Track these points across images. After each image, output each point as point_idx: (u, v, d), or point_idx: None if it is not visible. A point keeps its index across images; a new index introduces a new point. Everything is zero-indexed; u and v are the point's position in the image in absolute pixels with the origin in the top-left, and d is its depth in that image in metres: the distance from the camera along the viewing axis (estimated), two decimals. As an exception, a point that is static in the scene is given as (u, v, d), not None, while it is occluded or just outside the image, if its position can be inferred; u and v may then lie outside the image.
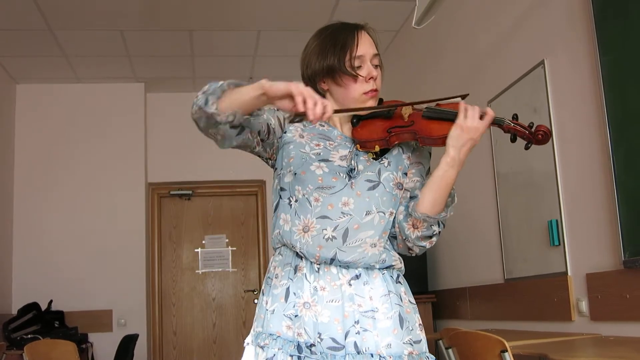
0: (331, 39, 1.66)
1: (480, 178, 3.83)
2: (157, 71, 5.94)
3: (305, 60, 1.71)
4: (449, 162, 1.59)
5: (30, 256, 5.72)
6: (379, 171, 1.64)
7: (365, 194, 1.61)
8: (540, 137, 1.56)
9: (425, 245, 1.67)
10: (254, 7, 4.72)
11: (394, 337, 1.58)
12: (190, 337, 6.27)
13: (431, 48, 4.63)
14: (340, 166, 1.63)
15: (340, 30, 1.68)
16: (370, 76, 1.64)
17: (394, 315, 1.60)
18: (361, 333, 1.55)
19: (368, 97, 1.65)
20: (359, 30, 1.67)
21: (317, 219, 1.59)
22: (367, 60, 1.65)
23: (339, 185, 1.60)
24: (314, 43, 1.70)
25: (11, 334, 5.06)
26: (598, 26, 2.62)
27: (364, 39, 1.66)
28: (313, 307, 1.56)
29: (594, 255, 2.74)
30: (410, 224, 1.64)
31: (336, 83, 1.65)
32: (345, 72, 1.62)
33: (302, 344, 1.54)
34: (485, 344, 2.11)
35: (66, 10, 4.61)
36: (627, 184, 2.46)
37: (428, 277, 4.53)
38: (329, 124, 1.73)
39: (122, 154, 6.03)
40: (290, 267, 1.62)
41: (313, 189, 1.60)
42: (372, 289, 1.60)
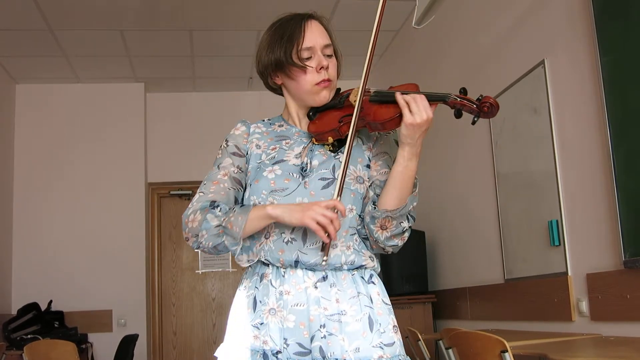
0: (278, 31, 1.63)
1: (480, 178, 3.83)
2: (157, 71, 5.94)
3: (256, 56, 1.69)
4: (406, 157, 1.52)
5: (30, 256, 5.72)
6: (333, 167, 1.59)
7: (319, 193, 1.56)
8: (487, 110, 1.45)
9: (398, 243, 1.59)
10: (254, 7, 4.72)
11: (363, 340, 1.52)
12: (190, 337, 6.26)
13: (431, 48, 4.63)
14: (294, 165, 1.60)
15: (288, 21, 1.64)
16: (321, 66, 1.59)
17: (364, 317, 1.54)
18: (327, 337, 1.50)
19: (320, 87, 1.61)
20: (307, 20, 1.63)
21: (274, 223, 1.54)
22: (317, 50, 1.60)
23: (292, 185, 1.57)
24: (264, 37, 1.67)
25: (11, 334, 5.06)
26: (598, 26, 2.61)
27: (313, 29, 1.61)
28: (279, 313, 1.53)
29: (594, 256, 2.74)
30: (378, 225, 1.56)
31: (287, 76, 1.62)
32: (292, 64, 1.59)
33: (268, 351, 1.50)
34: (486, 344, 2.11)
35: (66, 10, 4.61)
36: (628, 184, 2.46)
37: (428, 277, 4.53)
38: (287, 122, 1.71)
39: (122, 154, 6.03)
40: (257, 276, 1.59)
41: (267, 193, 1.57)
42: (340, 291, 1.55)
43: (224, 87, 6.35)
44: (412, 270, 4.38)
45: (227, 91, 6.42)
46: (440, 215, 4.42)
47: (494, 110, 1.46)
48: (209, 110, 6.35)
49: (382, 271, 1.72)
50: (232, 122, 1.60)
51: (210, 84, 6.29)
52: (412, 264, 4.38)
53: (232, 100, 6.40)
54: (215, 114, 6.32)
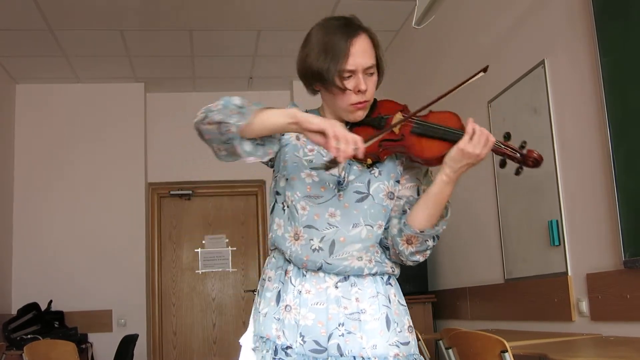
0: (324, 42, 1.58)
1: (480, 178, 3.82)
2: (157, 71, 5.94)
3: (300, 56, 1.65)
4: (445, 180, 1.54)
5: (30, 256, 5.72)
6: (368, 182, 1.61)
7: (353, 206, 1.59)
8: (531, 164, 1.52)
9: (419, 258, 1.63)
10: (254, 7, 4.72)
11: (380, 338, 1.56)
12: (190, 337, 6.26)
13: (431, 48, 4.62)
14: (331, 175, 1.61)
15: (334, 34, 1.58)
16: (359, 89, 1.57)
17: (381, 316, 1.59)
18: (345, 335, 1.55)
19: (355, 108, 1.60)
20: (353, 37, 1.57)
21: (304, 228, 1.58)
22: (358, 72, 1.56)
23: (326, 195, 1.59)
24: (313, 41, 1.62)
25: (11, 334, 5.06)
26: (598, 26, 2.61)
27: (357, 49, 1.56)
28: (294, 310, 1.56)
29: (595, 256, 2.74)
30: (404, 239, 1.59)
31: (325, 89, 1.61)
32: (332, 84, 1.56)
33: (279, 346, 1.54)
34: (486, 344, 2.11)
35: (66, 10, 4.61)
36: (628, 184, 2.46)
37: (428, 277, 4.53)
38: None
39: (122, 153, 6.03)
40: (282, 270, 1.62)
41: (301, 196, 1.59)
42: (360, 290, 1.59)
43: (224, 87, 6.34)
44: (412, 270, 4.33)
45: (227, 91, 6.39)
46: (440, 215, 4.41)
47: (539, 163, 1.53)
48: (209, 110, 6.33)
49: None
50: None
51: (210, 84, 6.28)
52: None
53: (232, 100, 6.39)
54: (215, 114, 6.32)
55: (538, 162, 1.52)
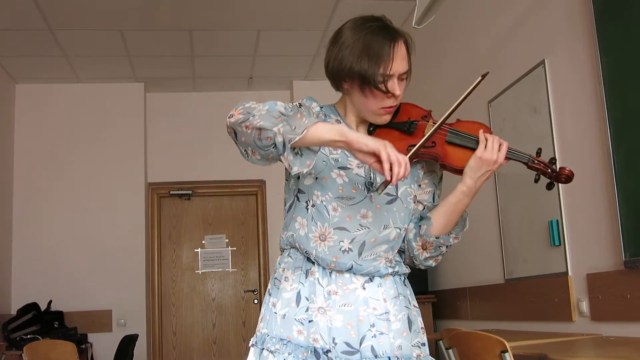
0: (364, 42, 1.55)
1: (480, 178, 3.82)
2: (157, 71, 5.93)
3: (335, 53, 1.59)
4: (465, 191, 1.59)
5: (30, 256, 5.72)
6: (396, 185, 1.61)
7: (383, 208, 1.59)
8: (564, 180, 1.59)
9: (432, 264, 1.70)
10: (254, 7, 4.72)
11: (403, 339, 1.58)
12: (190, 337, 6.26)
13: (431, 48, 4.62)
14: (359, 175, 1.58)
15: (376, 35, 1.56)
16: (393, 93, 1.57)
17: (403, 317, 1.61)
18: (377, 336, 1.55)
19: (384, 112, 1.60)
20: (395, 42, 1.57)
21: (334, 230, 1.56)
22: (395, 77, 1.56)
23: (358, 196, 1.57)
24: (349, 39, 1.58)
25: (10, 334, 5.05)
26: (598, 26, 2.61)
27: (399, 55, 1.56)
28: (328, 312, 1.54)
29: (595, 256, 2.74)
30: (420, 244, 1.65)
31: (359, 90, 1.57)
32: (376, 86, 1.54)
33: (319, 349, 1.51)
34: (486, 344, 2.10)
35: (66, 10, 4.61)
36: (628, 184, 2.46)
37: (428, 277, 4.53)
38: (345, 122, 1.67)
39: (122, 153, 6.03)
40: (301, 270, 1.59)
41: (332, 197, 1.56)
42: (385, 291, 1.61)
43: (224, 87, 6.35)
44: (412, 270, 4.36)
45: (227, 91, 6.42)
46: (440, 215, 4.41)
47: (570, 179, 1.60)
48: (209, 110, 6.34)
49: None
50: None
51: (210, 84, 6.29)
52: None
53: (232, 100, 6.29)
54: (215, 114, 6.31)
55: (570, 179, 1.59)
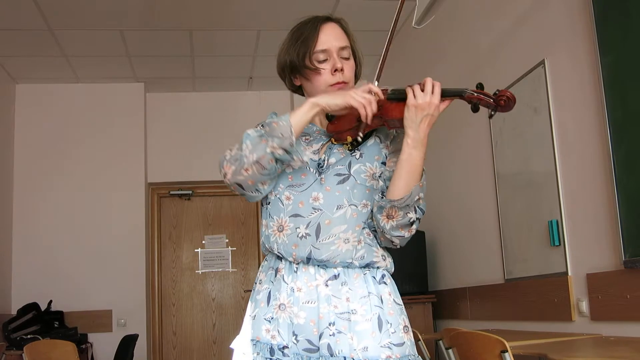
0: (295, 34, 1.66)
1: (480, 178, 3.82)
2: (157, 71, 5.93)
3: (277, 58, 1.72)
4: (410, 144, 1.53)
5: (30, 256, 5.72)
6: (349, 164, 1.62)
7: (334, 188, 1.59)
8: (503, 103, 1.46)
9: (404, 234, 1.59)
10: (254, 7, 4.72)
11: (371, 340, 1.53)
12: (190, 337, 6.26)
13: (431, 48, 4.62)
14: (312, 160, 1.62)
15: (305, 24, 1.66)
16: (335, 68, 1.62)
17: (373, 317, 1.56)
18: (335, 335, 1.53)
19: (335, 89, 1.62)
20: (323, 23, 1.65)
21: (289, 218, 1.58)
22: (332, 53, 1.62)
23: (308, 180, 1.60)
24: (285, 39, 1.70)
25: (11, 334, 5.05)
26: (598, 26, 2.61)
27: (328, 32, 1.63)
28: (288, 309, 1.56)
29: (595, 256, 2.74)
30: (385, 214, 1.57)
31: (304, 77, 1.65)
32: (305, 66, 1.62)
33: (275, 346, 1.53)
34: (486, 344, 2.10)
35: (66, 10, 4.61)
36: (628, 184, 2.46)
37: (428, 277, 4.53)
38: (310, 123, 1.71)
39: (122, 154, 6.03)
40: (272, 270, 1.63)
41: (284, 187, 1.60)
42: (350, 290, 1.57)
43: (224, 87, 6.35)
44: (412, 270, 4.38)
45: (227, 91, 6.42)
46: (440, 215, 4.42)
47: (511, 103, 1.47)
48: (209, 110, 6.35)
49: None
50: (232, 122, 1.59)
51: (210, 84, 6.29)
52: (412, 264, 4.38)
53: (232, 100, 6.40)
54: (215, 114, 6.32)
55: (510, 101, 1.46)
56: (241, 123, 6.32)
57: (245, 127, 1.61)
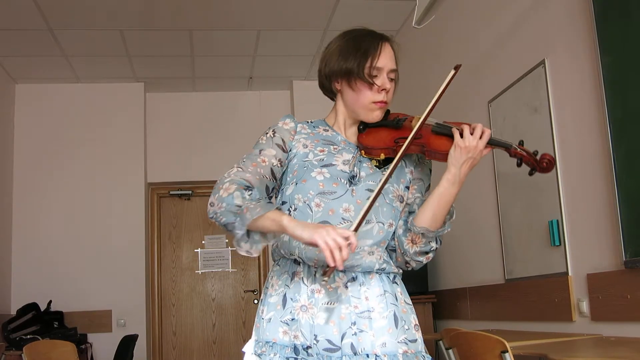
0: (355, 43, 1.67)
1: (480, 178, 3.82)
2: (156, 71, 5.93)
3: (325, 59, 1.72)
4: (450, 180, 1.60)
5: (30, 256, 5.72)
6: (379, 181, 1.62)
7: (365, 203, 1.59)
8: (545, 165, 1.57)
9: (423, 260, 1.70)
10: (254, 7, 4.72)
11: (389, 336, 1.59)
12: (190, 338, 6.26)
13: (431, 48, 4.62)
14: (343, 171, 1.65)
15: (365, 36, 1.68)
16: (384, 87, 1.65)
17: (389, 314, 1.62)
18: (358, 334, 1.57)
19: (377, 106, 1.66)
20: (384, 41, 1.68)
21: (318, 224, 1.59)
22: (384, 72, 1.65)
23: (340, 190, 1.62)
24: (337, 43, 1.71)
25: (10, 334, 5.05)
26: (598, 26, 2.61)
27: (386, 51, 1.67)
28: (310, 310, 1.58)
29: (595, 256, 2.74)
30: (410, 239, 1.66)
31: (350, 86, 1.67)
32: (362, 77, 1.63)
33: (299, 346, 1.56)
34: (486, 344, 2.10)
35: (66, 10, 4.61)
36: (628, 184, 2.46)
37: (428, 277, 4.53)
38: (332, 129, 1.75)
39: (122, 153, 6.03)
40: (287, 274, 1.64)
41: (314, 194, 1.61)
42: (368, 290, 1.62)
43: (224, 87, 6.35)
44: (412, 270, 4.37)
45: (227, 91, 6.42)
46: (440, 216, 4.41)
47: (551, 166, 1.57)
48: (209, 110, 6.35)
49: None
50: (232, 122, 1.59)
51: (210, 84, 6.28)
52: (412, 264, 4.37)
53: (232, 100, 6.40)
54: (215, 114, 6.32)
55: (551, 164, 1.56)
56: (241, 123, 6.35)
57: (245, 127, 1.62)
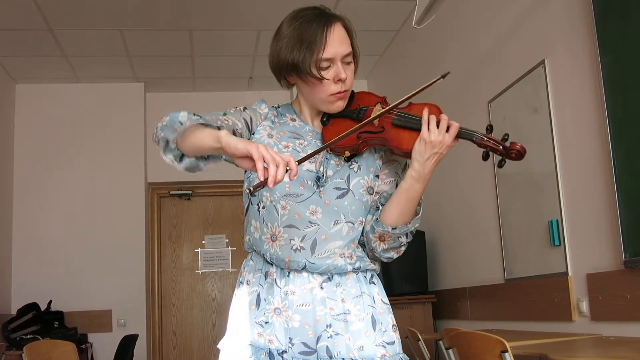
0: (299, 32, 1.53)
1: (480, 178, 3.82)
2: (157, 71, 5.94)
3: (273, 49, 1.59)
4: (414, 176, 1.51)
5: (30, 256, 5.72)
6: (348, 177, 1.57)
7: (333, 203, 1.55)
8: (514, 156, 1.47)
9: (393, 255, 1.61)
10: (254, 7, 4.72)
11: (366, 339, 1.53)
12: (190, 338, 6.26)
13: (431, 48, 4.62)
14: (309, 171, 1.56)
15: (310, 23, 1.53)
16: (339, 78, 1.53)
17: (367, 317, 1.55)
18: (333, 337, 1.51)
19: (335, 98, 1.56)
20: (329, 25, 1.53)
21: (284, 228, 1.54)
22: (336, 61, 1.53)
23: (306, 193, 1.54)
24: (285, 32, 1.56)
25: (10, 334, 5.05)
26: (598, 26, 2.61)
27: (335, 37, 1.52)
28: (284, 313, 1.53)
29: (595, 256, 2.74)
30: (377, 236, 1.57)
31: (302, 80, 1.56)
32: (309, 74, 1.51)
33: (274, 351, 1.51)
34: (486, 344, 2.10)
35: (66, 10, 4.61)
36: (628, 184, 2.46)
37: (428, 277, 4.53)
38: (300, 119, 1.67)
39: (122, 154, 6.03)
40: (261, 273, 1.59)
41: (280, 196, 1.54)
42: (344, 291, 1.55)
43: (224, 87, 6.35)
44: (412, 270, 4.38)
45: (227, 91, 6.42)
46: (440, 215, 4.42)
47: (521, 156, 1.47)
48: (209, 110, 6.28)
49: (382, 271, 1.73)
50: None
51: (210, 84, 6.29)
52: (412, 264, 4.37)
53: (232, 100, 6.37)
54: (215, 114, 6.32)
55: (521, 154, 1.47)
56: (241, 123, 6.36)
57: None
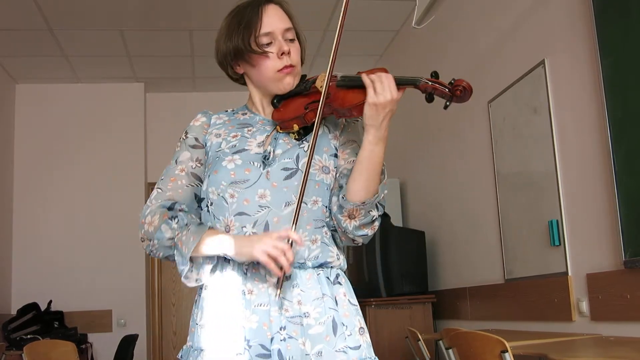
0: (236, 18, 1.56)
1: (480, 178, 3.82)
2: (157, 71, 5.94)
3: (215, 46, 1.62)
4: (372, 141, 1.45)
5: (30, 256, 5.72)
6: (297, 157, 1.51)
7: (281, 184, 1.48)
8: (459, 94, 1.40)
9: (367, 232, 1.52)
10: (254, 7, 4.72)
11: (325, 344, 1.44)
12: (190, 337, 6.26)
13: (431, 48, 4.63)
14: (257, 154, 1.52)
15: (245, 8, 1.56)
16: (282, 51, 1.53)
17: (327, 320, 1.46)
18: (286, 340, 1.42)
19: (283, 73, 1.54)
20: (264, 5, 1.55)
21: (235, 217, 1.48)
22: (277, 35, 1.53)
23: (253, 176, 1.49)
24: (222, 26, 1.60)
25: (10, 334, 5.05)
26: (598, 26, 2.61)
27: (271, 14, 1.54)
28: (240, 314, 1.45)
29: (595, 256, 2.74)
30: (346, 214, 1.49)
31: (248, 64, 1.56)
32: (252, 51, 1.52)
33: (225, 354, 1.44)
34: (486, 344, 2.10)
35: (66, 10, 4.61)
36: (628, 184, 2.46)
37: (428, 277, 4.53)
38: (251, 111, 1.65)
39: (122, 153, 6.03)
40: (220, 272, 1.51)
41: (227, 185, 1.49)
42: (303, 292, 1.46)
43: (224, 87, 6.33)
44: (412, 270, 4.38)
45: (227, 91, 6.39)
46: (440, 215, 4.42)
47: (467, 94, 1.39)
48: (209, 110, 6.34)
49: (382, 271, 1.71)
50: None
51: (210, 84, 6.28)
52: (412, 264, 4.38)
53: (232, 100, 6.31)
54: (215, 114, 6.32)
55: (466, 91, 1.39)
56: (241, 123, 6.35)
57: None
